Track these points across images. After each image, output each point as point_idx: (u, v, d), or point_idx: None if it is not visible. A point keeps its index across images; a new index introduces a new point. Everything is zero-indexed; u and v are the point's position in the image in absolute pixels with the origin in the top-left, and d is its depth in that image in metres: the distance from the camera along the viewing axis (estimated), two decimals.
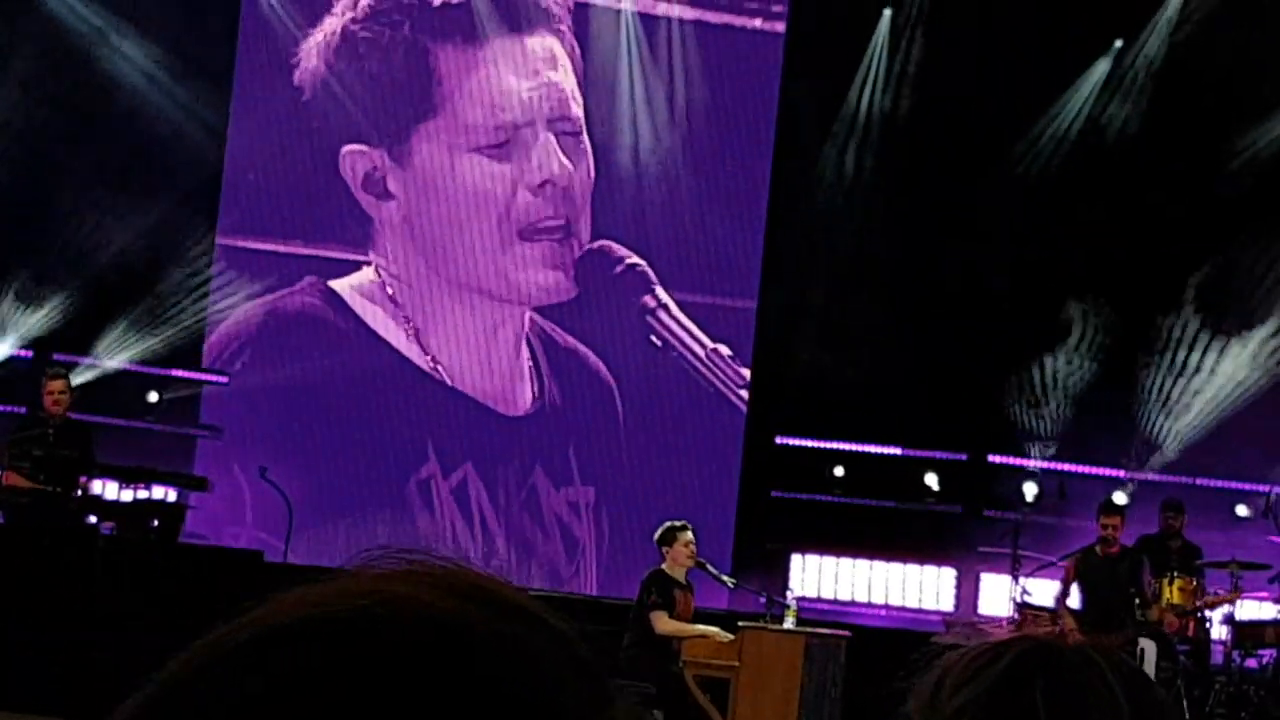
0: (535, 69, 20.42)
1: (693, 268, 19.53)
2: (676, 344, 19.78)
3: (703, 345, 19.55)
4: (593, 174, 20.25)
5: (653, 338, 19.90)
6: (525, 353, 20.10)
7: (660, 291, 19.99)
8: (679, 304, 19.62)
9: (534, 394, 20.00)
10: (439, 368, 19.96)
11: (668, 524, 14.34)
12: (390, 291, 20.26)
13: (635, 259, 20.09)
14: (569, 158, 20.22)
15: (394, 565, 1.03)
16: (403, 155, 20.37)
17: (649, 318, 20.01)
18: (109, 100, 18.85)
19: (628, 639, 13.96)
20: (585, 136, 20.32)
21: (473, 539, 19.37)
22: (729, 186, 19.55)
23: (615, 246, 20.10)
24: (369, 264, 20.18)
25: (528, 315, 20.18)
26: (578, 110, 20.35)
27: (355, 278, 20.14)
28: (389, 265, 20.24)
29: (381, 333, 20.03)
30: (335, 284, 20.11)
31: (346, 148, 20.27)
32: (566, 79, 20.44)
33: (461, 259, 20.23)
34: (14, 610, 14.09)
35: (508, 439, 19.81)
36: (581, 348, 20.06)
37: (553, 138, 20.28)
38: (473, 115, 20.36)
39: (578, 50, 20.39)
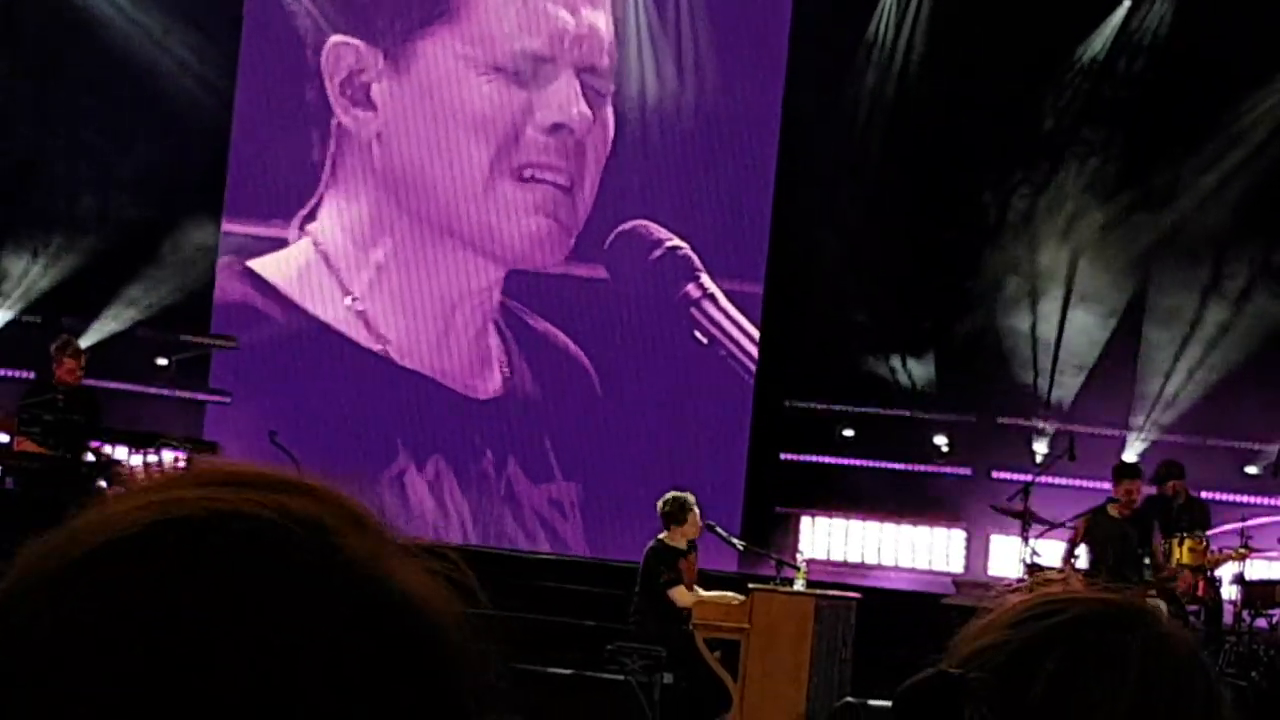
0: (575, 5, 19.00)
1: (700, 229, 19.04)
2: (726, 341, 18.94)
3: (756, 342, 18.92)
4: (610, 138, 19.07)
5: (697, 334, 18.91)
6: (494, 337, 19.04)
7: (706, 280, 18.97)
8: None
9: (503, 377, 19.03)
10: (387, 348, 18.86)
11: (677, 497, 14.17)
12: (328, 255, 18.76)
13: (677, 241, 19.01)
14: (593, 110, 18.93)
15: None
16: (401, 60, 18.86)
17: (693, 310, 19.00)
18: (111, 58, 18.78)
19: (636, 603, 13.97)
20: (610, 98, 19.14)
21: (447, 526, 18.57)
22: (738, 145, 19.11)
23: (653, 227, 19.06)
24: (311, 219, 18.82)
25: (497, 299, 18.96)
26: (608, 64, 19.11)
27: (286, 252, 18.90)
28: (342, 207, 18.79)
29: (319, 313, 18.86)
30: (255, 263, 18.89)
31: (334, 38, 18.82)
32: (605, 26, 19.08)
33: (440, 193, 18.84)
34: None
35: (480, 424, 19.02)
36: (553, 330, 18.97)
37: (578, 83, 18.89)
38: (496, 30, 18.88)
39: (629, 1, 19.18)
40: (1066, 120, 18.96)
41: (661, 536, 14.03)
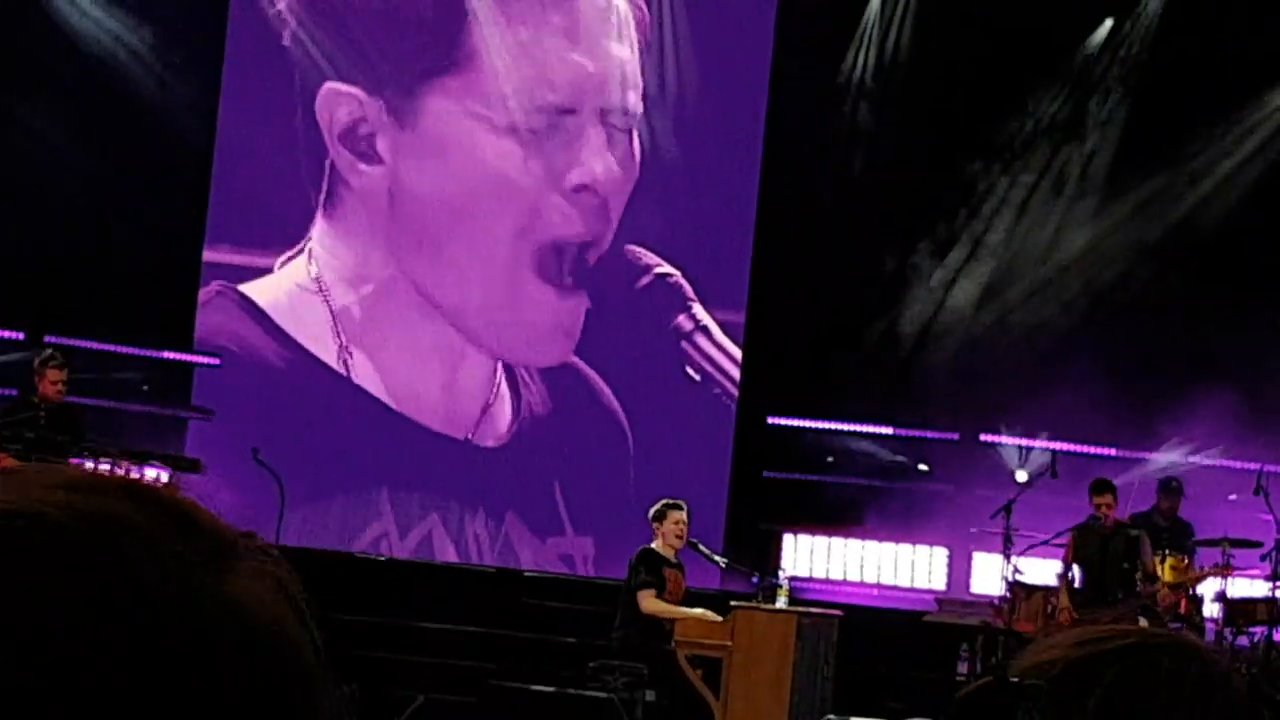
0: (595, 36, 17.56)
1: (680, 248, 18.81)
2: (720, 377, 18.50)
3: (738, 362, 18.63)
4: (636, 176, 17.96)
5: (689, 370, 18.30)
6: (500, 375, 18.29)
7: (699, 310, 18.32)
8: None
9: (512, 417, 18.34)
10: (386, 393, 18.07)
11: (664, 501, 14.28)
12: (323, 287, 17.83)
13: (667, 268, 18.34)
14: (617, 158, 17.76)
15: None
16: (406, 116, 17.69)
17: (685, 343, 18.38)
18: (92, 73, 18.72)
19: (619, 619, 13.95)
20: (637, 132, 18.00)
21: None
22: (720, 162, 18.87)
23: (642, 252, 18.41)
24: (301, 252, 17.89)
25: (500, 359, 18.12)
26: (636, 97, 17.93)
27: (279, 277, 18.11)
28: (341, 249, 17.83)
29: (311, 347, 18.17)
30: (248, 288, 18.16)
31: (328, 85, 17.73)
32: (630, 55, 17.77)
33: (450, 270, 17.80)
34: None
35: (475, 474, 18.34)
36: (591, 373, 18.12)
37: (603, 133, 17.56)
38: (508, 84, 17.56)
39: (648, 14, 18.03)
40: (1053, 134, 19.00)
41: (651, 544, 14.02)
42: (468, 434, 18.47)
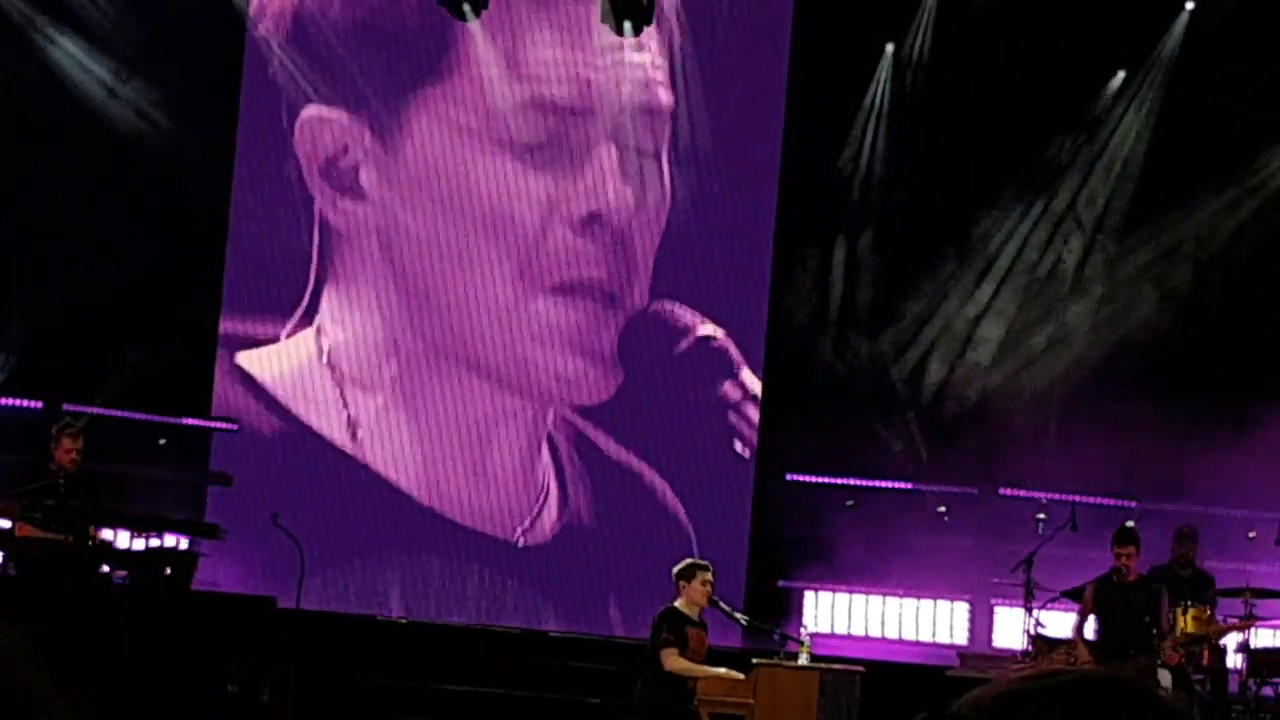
0: (611, 41, 15.64)
1: (699, 296, 18.35)
2: (750, 433, 17.58)
3: (758, 403, 17.97)
4: (665, 219, 16.41)
5: (738, 445, 17.24)
6: (545, 457, 16.95)
7: (746, 376, 17.07)
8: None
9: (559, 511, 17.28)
10: (410, 485, 16.99)
11: (690, 560, 14.20)
12: (333, 368, 16.37)
13: (710, 329, 17.04)
14: (633, 186, 16.04)
15: None
16: (391, 134, 15.99)
17: (732, 414, 17.19)
18: (110, 143, 18.74)
19: (642, 678, 13.90)
20: (666, 160, 16.20)
21: None
22: (736, 217, 18.52)
23: (680, 310, 17.08)
24: (302, 318, 16.60)
25: (551, 411, 16.67)
26: (664, 119, 16.12)
27: (281, 348, 16.84)
28: (338, 311, 16.38)
29: (316, 425, 17.09)
30: (244, 358, 16.78)
31: (308, 109, 16.07)
32: (654, 67, 16.01)
33: (457, 312, 16.57)
34: None
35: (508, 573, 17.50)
36: (626, 456, 16.73)
37: (615, 150, 15.76)
38: (503, 91, 15.74)
39: (678, 37, 16.18)
40: (1072, 177, 18.99)
41: (675, 603, 13.95)
42: (516, 531, 17.72)
